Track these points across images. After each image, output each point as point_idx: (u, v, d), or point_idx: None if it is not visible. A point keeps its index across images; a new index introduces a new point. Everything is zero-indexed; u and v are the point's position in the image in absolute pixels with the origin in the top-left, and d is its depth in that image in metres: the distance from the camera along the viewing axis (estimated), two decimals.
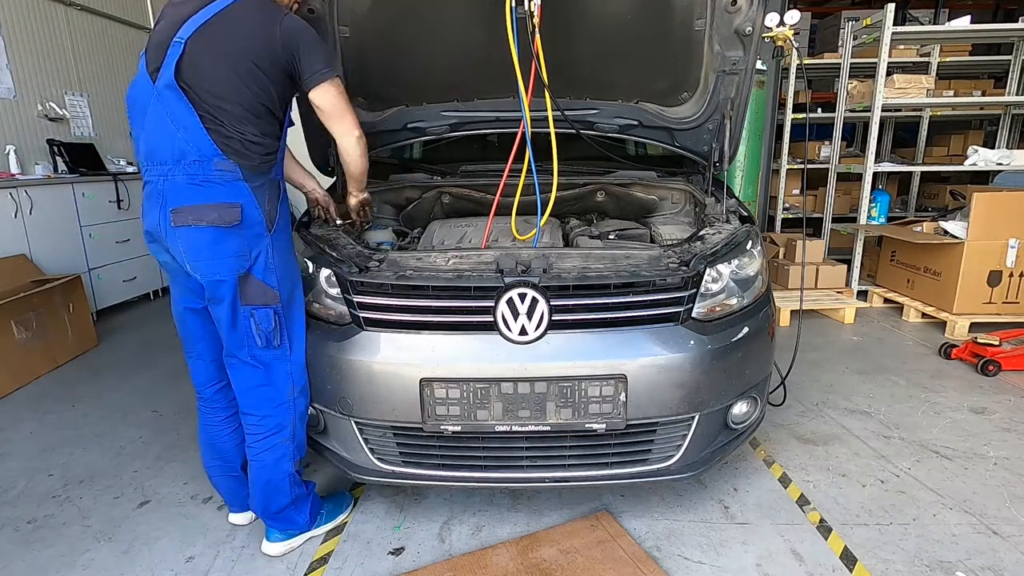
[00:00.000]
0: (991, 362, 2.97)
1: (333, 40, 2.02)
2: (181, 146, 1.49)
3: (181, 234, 1.52)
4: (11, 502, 2.06)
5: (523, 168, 1.94)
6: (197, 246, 1.52)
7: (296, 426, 1.71)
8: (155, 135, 1.51)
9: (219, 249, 1.53)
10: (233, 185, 1.53)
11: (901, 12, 6.94)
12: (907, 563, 1.69)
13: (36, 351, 3.16)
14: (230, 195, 1.53)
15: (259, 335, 1.61)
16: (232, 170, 1.52)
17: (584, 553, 1.71)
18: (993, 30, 4.24)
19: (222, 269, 1.55)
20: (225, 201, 1.52)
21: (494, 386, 1.59)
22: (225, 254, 1.54)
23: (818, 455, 2.27)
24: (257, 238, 1.57)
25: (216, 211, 1.51)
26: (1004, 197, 3.57)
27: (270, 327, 1.62)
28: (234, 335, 1.62)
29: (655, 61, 2.18)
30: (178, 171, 1.50)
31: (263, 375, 1.65)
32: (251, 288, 1.59)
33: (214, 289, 1.57)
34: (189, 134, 1.49)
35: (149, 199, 1.56)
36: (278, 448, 1.68)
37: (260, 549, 1.78)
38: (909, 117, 5.71)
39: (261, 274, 1.59)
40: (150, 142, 1.52)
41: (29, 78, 4.12)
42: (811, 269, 4.21)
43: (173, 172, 1.50)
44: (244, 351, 1.63)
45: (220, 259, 1.54)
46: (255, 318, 1.60)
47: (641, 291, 1.64)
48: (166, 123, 1.49)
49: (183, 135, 1.49)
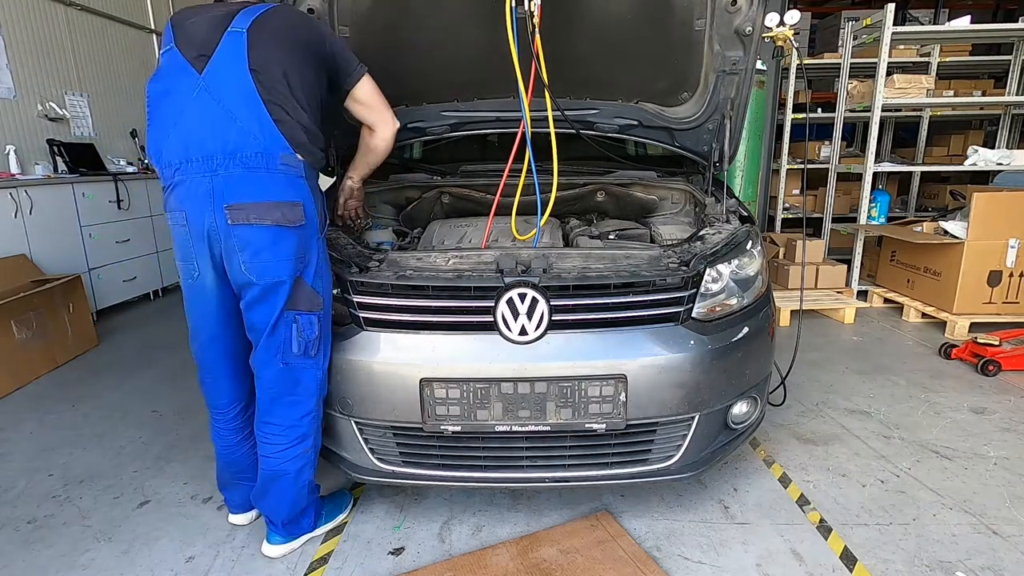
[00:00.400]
0: (991, 362, 2.97)
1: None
2: (236, 138, 1.43)
3: (238, 233, 1.45)
4: (11, 502, 2.06)
5: (523, 168, 1.94)
6: (256, 246, 1.46)
7: (318, 435, 1.70)
8: (201, 127, 1.44)
9: (280, 250, 1.48)
10: (296, 181, 1.49)
11: (901, 12, 6.95)
12: (907, 563, 1.69)
13: (36, 351, 3.16)
14: (293, 192, 1.48)
15: (298, 342, 1.55)
16: (296, 165, 1.48)
17: (584, 553, 1.71)
18: (993, 30, 4.24)
19: (281, 271, 1.49)
20: (288, 199, 1.47)
21: (494, 386, 1.59)
22: (285, 255, 1.49)
23: (818, 455, 2.27)
24: (312, 240, 1.54)
25: (279, 209, 1.45)
26: (1004, 197, 3.57)
27: (314, 335, 1.56)
28: (272, 341, 1.55)
29: (655, 61, 2.18)
30: (233, 165, 1.44)
31: (293, 384, 1.60)
32: (301, 292, 1.54)
33: (269, 292, 1.50)
34: (251, 125, 1.44)
35: (193, 198, 1.46)
36: (301, 458, 1.66)
37: (260, 550, 1.78)
38: (909, 117, 5.71)
39: (311, 279, 1.55)
40: (192, 135, 1.44)
41: (29, 78, 4.12)
42: (811, 269, 4.21)
43: (228, 166, 1.43)
44: (278, 358, 1.56)
45: (280, 260, 1.48)
46: (298, 324, 1.54)
47: (641, 291, 1.64)
48: (216, 114, 1.43)
49: (241, 125, 1.43)
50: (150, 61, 5.48)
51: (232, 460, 1.79)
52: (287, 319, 1.54)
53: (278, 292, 1.51)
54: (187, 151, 1.45)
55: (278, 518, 1.72)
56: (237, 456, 1.78)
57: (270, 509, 1.72)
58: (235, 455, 1.78)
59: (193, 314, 1.63)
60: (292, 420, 1.62)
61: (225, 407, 1.73)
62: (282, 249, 1.49)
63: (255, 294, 1.52)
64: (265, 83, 1.46)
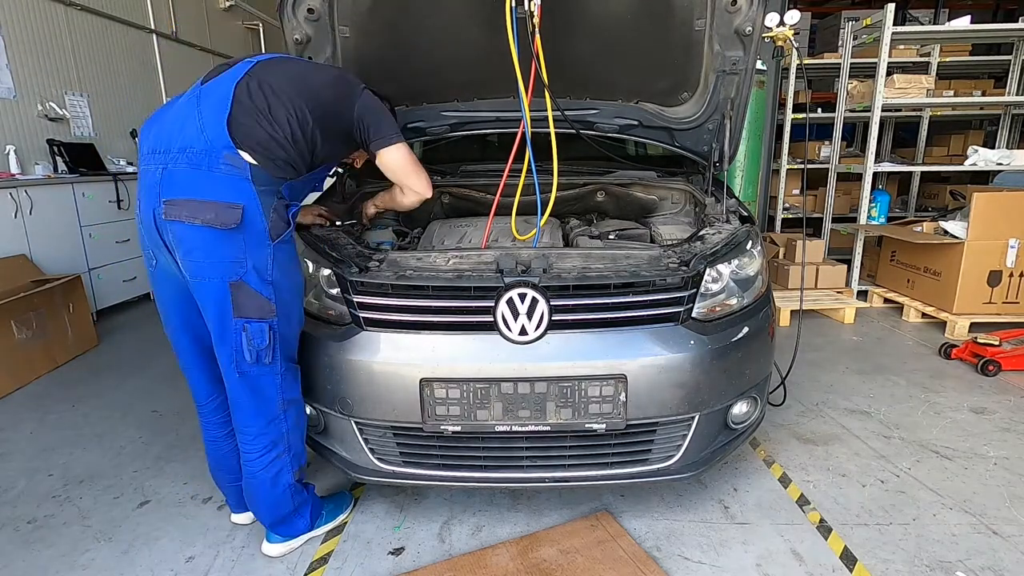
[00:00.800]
0: (991, 362, 2.97)
1: (333, 40, 2.02)
2: (192, 134, 1.43)
3: (173, 229, 1.44)
4: (11, 502, 2.06)
5: (523, 168, 1.94)
6: (188, 244, 1.45)
7: (290, 438, 1.67)
8: (170, 124, 1.47)
9: (212, 251, 1.45)
10: (237, 183, 1.44)
11: (901, 12, 6.95)
12: (907, 563, 1.69)
13: (36, 351, 3.16)
14: (232, 194, 1.44)
15: (249, 350, 1.52)
16: (240, 166, 1.44)
17: (584, 553, 1.71)
18: (993, 30, 4.24)
19: (213, 273, 1.46)
20: (226, 200, 1.43)
21: (494, 386, 1.59)
22: (218, 257, 1.45)
23: (818, 455, 2.27)
24: (258, 246, 1.49)
25: (213, 209, 1.42)
26: (1004, 197, 3.57)
27: (264, 343, 1.53)
28: (224, 348, 1.54)
29: (655, 61, 2.18)
30: (182, 160, 1.43)
31: (252, 392, 1.58)
32: (245, 299, 1.49)
33: (200, 292, 1.49)
34: (207, 121, 1.44)
35: (144, 188, 1.48)
36: (275, 464, 1.65)
37: (260, 550, 1.78)
38: (909, 117, 5.71)
39: (257, 284, 1.50)
40: (161, 132, 1.48)
41: (29, 78, 4.12)
42: (811, 269, 4.21)
43: (176, 161, 1.43)
44: (233, 367, 1.55)
45: (213, 263, 1.45)
46: (247, 332, 1.51)
47: (641, 291, 1.64)
48: (189, 114, 1.46)
49: (200, 122, 1.44)
50: (150, 61, 5.48)
51: (219, 456, 1.80)
52: (236, 327, 1.51)
53: (208, 293, 1.49)
54: (155, 143, 1.48)
55: (265, 520, 1.74)
56: (223, 452, 1.79)
57: (256, 511, 1.74)
58: (221, 451, 1.79)
59: (158, 300, 1.68)
60: (259, 427, 1.61)
61: (204, 399, 1.74)
62: (214, 251, 1.45)
63: (198, 293, 1.51)
64: (252, 89, 1.49)
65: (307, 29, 1.97)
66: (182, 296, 1.59)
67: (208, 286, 1.48)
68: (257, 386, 1.58)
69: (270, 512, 1.71)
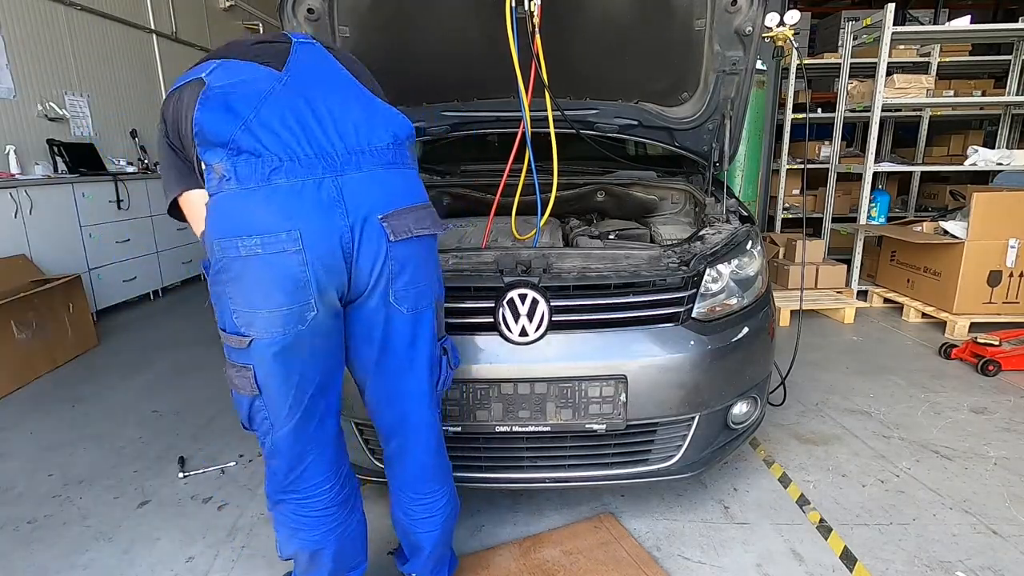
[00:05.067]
0: (991, 362, 2.97)
1: (333, 40, 2.02)
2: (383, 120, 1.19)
3: (396, 252, 1.14)
4: (11, 502, 2.06)
5: (523, 168, 1.94)
6: (414, 265, 1.17)
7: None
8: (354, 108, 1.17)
9: (433, 266, 1.23)
10: (418, 177, 1.25)
11: (901, 12, 6.95)
12: (907, 563, 1.69)
13: (36, 351, 3.16)
14: (423, 189, 1.24)
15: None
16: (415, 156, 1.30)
17: (587, 554, 1.71)
18: (993, 30, 4.23)
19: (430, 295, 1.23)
20: (425, 199, 1.22)
21: (494, 387, 1.59)
22: (436, 274, 1.24)
23: (818, 455, 2.27)
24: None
25: (428, 214, 1.19)
26: (1004, 197, 3.57)
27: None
28: (423, 385, 1.28)
29: (655, 61, 2.17)
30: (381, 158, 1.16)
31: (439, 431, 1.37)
32: (440, 312, 1.29)
33: (418, 325, 1.23)
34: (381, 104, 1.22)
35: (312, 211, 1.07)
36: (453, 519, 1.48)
37: (260, 550, 1.77)
38: (909, 117, 5.71)
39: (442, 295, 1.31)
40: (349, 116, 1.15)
41: (29, 78, 4.12)
42: (811, 269, 4.21)
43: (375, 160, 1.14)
44: (428, 404, 1.31)
45: (430, 282, 1.23)
46: (448, 354, 1.31)
47: (641, 291, 1.64)
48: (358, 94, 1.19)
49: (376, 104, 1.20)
50: (150, 61, 5.48)
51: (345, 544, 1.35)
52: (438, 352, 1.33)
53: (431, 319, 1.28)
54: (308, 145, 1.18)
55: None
56: (352, 533, 1.37)
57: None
58: (348, 533, 1.35)
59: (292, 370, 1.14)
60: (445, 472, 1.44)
61: (330, 480, 1.28)
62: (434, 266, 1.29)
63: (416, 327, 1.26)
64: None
65: (307, 29, 1.96)
66: (330, 349, 1.19)
67: (428, 314, 1.24)
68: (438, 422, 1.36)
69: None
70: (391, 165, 1.18)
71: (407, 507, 1.42)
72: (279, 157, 1.07)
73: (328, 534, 1.29)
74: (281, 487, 1.25)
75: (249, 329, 1.09)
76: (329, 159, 1.10)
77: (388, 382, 1.28)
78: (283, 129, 1.08)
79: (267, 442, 1.20)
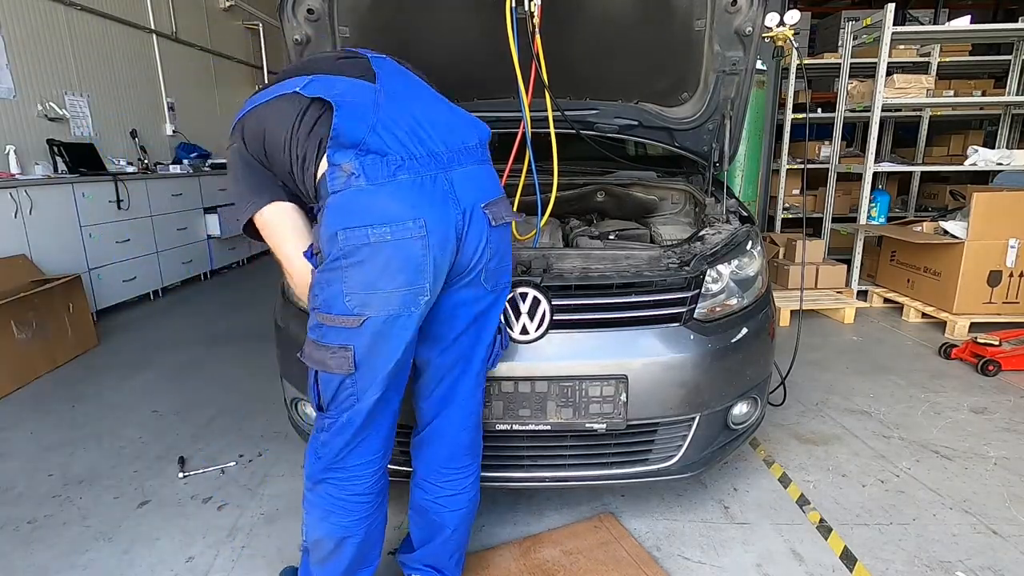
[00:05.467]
0: (991, 362, 2.97)
1: (333, 40, 2.02)
2: (467, 124, 1.35)
3: (495, 236, 1.32)
4: (11, 502, 2.06)
5: (523, 168, 1.94)
6: (503, 248, 1.37)
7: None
8: (444, 113, 1.34)
9: (510, 249, 1.42)
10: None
11: (901, 12, 6.95)
12: (907, 563, 1.69)
13: (36, 351, 3.16)
14: (501, 184, 1.40)
15: (500, 351, 1.47)
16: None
17: (587, 554, 1.71)
18: (993, 30, 4.24)
19: (510, 273, 1.43)
20: (503, 192, 1.38)
21: (494, 385, 1.59)
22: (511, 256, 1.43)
23: (818, 455, 2.27)
24: None
25: (508, 205, 1.38)
26: (1004, 197, 3.57)
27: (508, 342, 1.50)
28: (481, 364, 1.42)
29: (655, 61, 2.18)
30: (474, 156, 1.32)
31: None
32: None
33: (500, 303, 1.41)
34: (458, 109, 1.38)
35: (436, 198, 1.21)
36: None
37: (260, 550, 1.77)
38: (909, 117, 5.71)
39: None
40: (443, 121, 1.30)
41: (29, 78, 4.12)
42: (811, 269, 4.21)
43: (470, 158, 1.30)
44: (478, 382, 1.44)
45: (510, 263, 1.43)
46: (502, 333, 1.47)
47: (644, 291, 1.64)
48: (440, 101, 1.37)
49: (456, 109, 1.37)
50: (150, 61, 5.48)
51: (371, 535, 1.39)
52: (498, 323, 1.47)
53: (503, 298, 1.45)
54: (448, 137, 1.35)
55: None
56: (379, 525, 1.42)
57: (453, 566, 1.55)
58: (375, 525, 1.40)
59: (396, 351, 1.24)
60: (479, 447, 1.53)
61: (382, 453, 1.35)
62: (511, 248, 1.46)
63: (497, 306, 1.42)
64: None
65: (307, 29, 1.97)
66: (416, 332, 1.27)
67: (503, 294, 1.42)
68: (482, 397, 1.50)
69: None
70: (482, 162, 1.34)
71: (435, 486, 1.48)
72: (401, 156, 1.20)
73: (360, 522, 1.35)
74: (329, 464, 1.31)
75: (364, 309, 1.19)
76: (438, 157, 1.24)
77: (454, 357, 1.39)
78: (400, 131, 1.22)
79: (343, 418, 1.27)
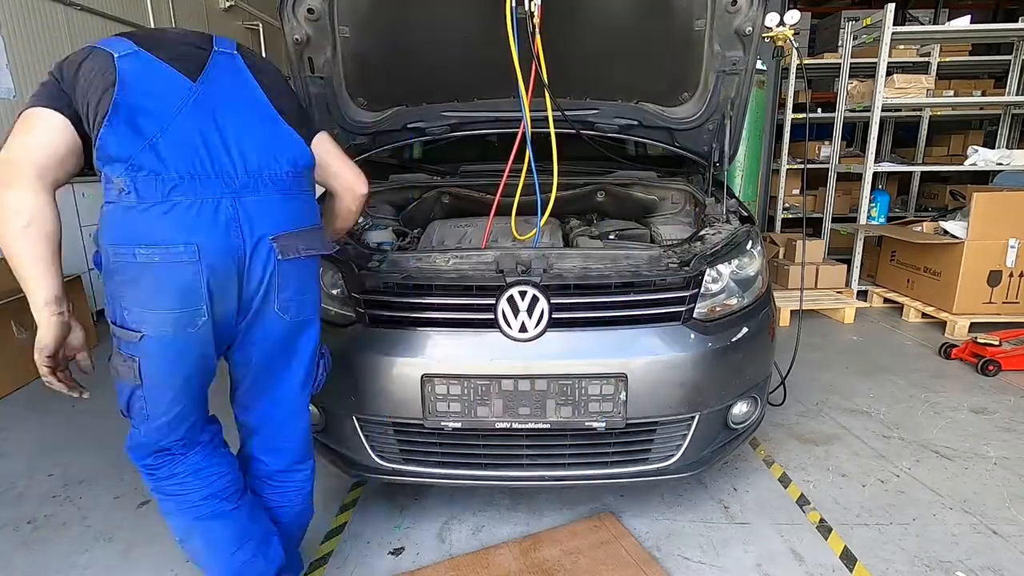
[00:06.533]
0: (991, 362, 2.97)
1: (333, 40, 2.02)
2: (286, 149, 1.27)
3: (286, 270, 1.26)
4: (11, 502, 2.06)
5: (523, 168, 1.95)
6: (301, 282, 1.31)
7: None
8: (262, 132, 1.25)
9: (316, 283, 1.38)
10: (314, 200, 1.37)
11: (901, 12, 6.95)
12: (907, 563, 1.69)
13: None
14: (316, 213, 1.36)
15: (323, 375, 1.48)
16: (312, 180, 1.37)
17: (587, 554, 1.71)
18: (993, 30, 4.24)
19: (315, 306, 1.39)
20: (316, 222, 1.35)
21: (495, 383, 1.60)
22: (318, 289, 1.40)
23: (818, 455, 2.27)
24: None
25: (317, 236, 1.33)
26: (1004, 197, 3.57)
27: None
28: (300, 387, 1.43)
29: (655, 61, 2.18)
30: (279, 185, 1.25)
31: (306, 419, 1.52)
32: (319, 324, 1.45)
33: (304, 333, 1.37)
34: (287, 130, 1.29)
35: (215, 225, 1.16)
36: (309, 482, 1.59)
37: None
38: (909, 117, 5.71)
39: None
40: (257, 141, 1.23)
41: (29, 78, 4.12)
42: (811, 269, 4.21)
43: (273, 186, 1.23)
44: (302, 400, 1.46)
45: (314, 297, 1.39)
46: (325, 358, 1.47)
47: (643, 291, 1.64)
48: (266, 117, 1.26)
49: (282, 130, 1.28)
50: None
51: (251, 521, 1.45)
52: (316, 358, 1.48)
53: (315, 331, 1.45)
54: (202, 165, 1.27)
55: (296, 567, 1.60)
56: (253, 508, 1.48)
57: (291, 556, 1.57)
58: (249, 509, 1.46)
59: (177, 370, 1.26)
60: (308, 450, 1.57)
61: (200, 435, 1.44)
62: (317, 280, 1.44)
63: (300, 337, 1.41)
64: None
65: (307, 29, 1.97)
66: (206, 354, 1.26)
67: (311, 325, 1.39)
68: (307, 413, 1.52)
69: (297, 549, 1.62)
70: (287, 192, 1.27)
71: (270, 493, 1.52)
72: (179, 175, 1.13)
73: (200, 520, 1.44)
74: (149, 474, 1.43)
75: (141, 326, 1.19)
76: (229, 180, 1.18)
77: (266, 381, 1.41)
78: (188, 148, 1.15)
79: (141, 430, 1.32)
